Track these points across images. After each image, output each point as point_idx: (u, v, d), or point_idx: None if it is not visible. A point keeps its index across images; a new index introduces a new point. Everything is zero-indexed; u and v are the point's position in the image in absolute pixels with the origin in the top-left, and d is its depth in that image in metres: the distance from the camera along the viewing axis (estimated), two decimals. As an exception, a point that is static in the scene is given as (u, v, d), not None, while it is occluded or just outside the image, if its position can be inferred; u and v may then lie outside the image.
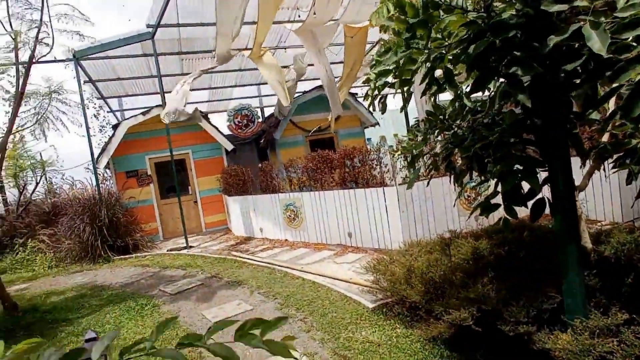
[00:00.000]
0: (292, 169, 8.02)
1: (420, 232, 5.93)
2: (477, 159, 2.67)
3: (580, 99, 2.30)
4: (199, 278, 6.29)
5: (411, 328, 3.51)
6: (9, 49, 5.66)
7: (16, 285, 7.57)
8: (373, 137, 16.61)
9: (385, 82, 2.94)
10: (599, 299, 2.48)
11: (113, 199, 9.72)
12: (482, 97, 3.02)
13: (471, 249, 3.28)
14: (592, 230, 3.53)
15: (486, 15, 2.39)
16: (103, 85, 12.25)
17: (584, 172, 3.12)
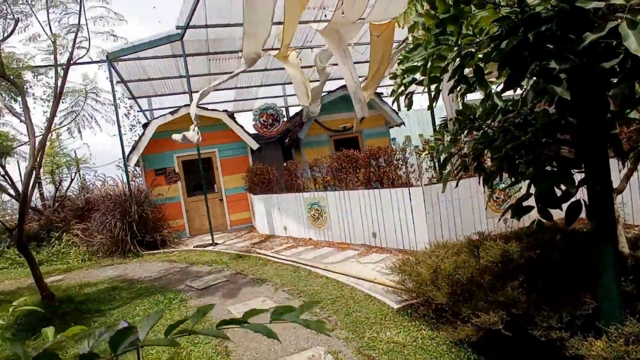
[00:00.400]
0: (316, 168, 8.03)
1: (447, 234, 5.83)
2: (508, 159, 2.60)
3: (618, 98, 2.21)
4: (224, 274, 6.38)
5: (437, 330, 3.45)
6: (48, 51, 5.89)
7: (52, 276, 7.89)
8: (398, 136, 16.46)
9: (413, 79, 2.91)
10: (635, 306, 2.38)
11: (142, 195, 9.99)
12: (513, 97, 2.95)
13: (500, 252, 3.20)
14: (629, 235, 3.39)
15: (520, 10, 2.33)
16: (134, 86, 12.61)
17: (621, 174, 3.00)
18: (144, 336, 0.87)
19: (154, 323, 0.91)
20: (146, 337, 0.87)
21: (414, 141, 17.88)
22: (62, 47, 5.80)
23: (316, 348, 3.54)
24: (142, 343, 0.86)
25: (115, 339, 0.85)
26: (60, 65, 5.88)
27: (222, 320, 0.93)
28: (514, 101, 2.72)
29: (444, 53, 2.56)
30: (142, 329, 0.87)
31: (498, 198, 6.20)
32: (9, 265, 9.84)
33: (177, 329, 0.89)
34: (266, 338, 3.52)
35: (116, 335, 0.86)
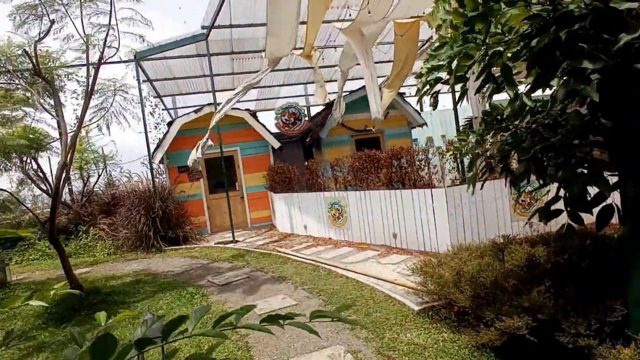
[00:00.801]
0: (337, 167, 8.03)
1: (469, 236, 5.74)
2: (536, 161, 2.54)
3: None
4: (244, 271, 6.45)
5: (459, 333, 3.41)
6: (80, 50, 6.09)
7: (80, 268, 8.13)
8: (420, 137, 16.28)
9: (438, 78, 2.87)
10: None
11: (166, 192, 10.19)
12: (542, 97, 2.88)
13: (526, 256, 3.12)
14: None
15: (552, 9, 2.27)
16: (159, 85, 12.88)
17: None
18: (192, 327, 0.94)
19: (202, 316, 0.97)
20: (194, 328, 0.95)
21: (436, 142, 17.68)
22: (93, 47, 5.99)
23: (336, 347, 3.54)
24: (191, 333, 0.93)
25: (167, 327, 0.92)
26: (91, 64, 6.06)
27: (268, 316, 0.97)
28: (544, 101, 2.65)
29: (471, 52, 2.52)
30: (190, 321, 0.94)
31: (524, 201, 6.06)
32: (40, 256, 10.21)
33: (222, 322, 0.95)
34: (286, 336, 3.54)
35: (168, 324, 0.92)
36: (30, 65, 5.88)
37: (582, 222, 2.13)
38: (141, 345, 0.88)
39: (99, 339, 0.85)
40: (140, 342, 0.88)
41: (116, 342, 0.86)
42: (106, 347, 0.84)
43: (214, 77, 10.19)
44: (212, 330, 0.93)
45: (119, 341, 0.92)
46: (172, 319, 0.94)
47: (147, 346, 0.88)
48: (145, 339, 0.89)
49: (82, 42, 5.93)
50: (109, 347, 0.84)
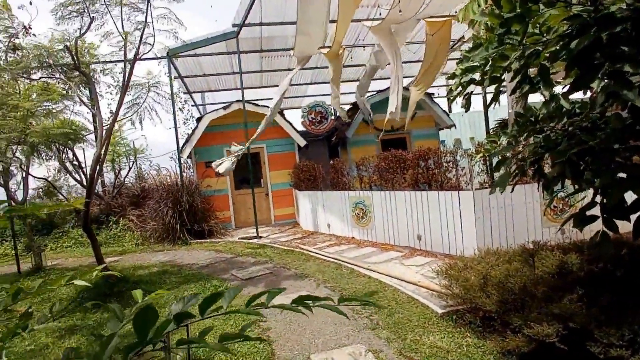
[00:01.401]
0: (363, 167, 8.00)
1: (497, 241, 5.62)
2: (572, 165, 2.47)
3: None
4: (267, 267, 6.52)
5: (483, 339, 3.35)
6: (118, 47, 6.32)
7: (110, 257, 8.43)
8: (447, 139, 16.04)
9: (472, 79, 2.83)
10: None
11: (193, 186, 10.41)
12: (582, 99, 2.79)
13: (558, 263, 3.04)
14: None
15: (593, 9, 2.21)
16: (189, 81, 13.16)
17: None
18: (227, 305, 1.00)
19: (235, 295, 1.03)
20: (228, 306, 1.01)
21: (464, 144, 17.37)
22: (130, 44, 6.18)
23: (357, 345, 3.54)
24: (225, 310, 0.98)
25: (204, 303, 0.97)
26: (128, 60, 6.26)
27: (299, 297, 1.01)
28: (582, 104, 2.57)
29: (506, 52, 2.47)
30: (224, 299, 0.99)
31: (555, 207, 5.89)
32: (72, 244, 10.64)
33: (254, 302, 1.01)
34: (307, 332, 3.57)
35: (204, 301, 0.97)
36: (69, 59, 6.12)
37: (617, 229, 2.06)
38: (180, 318, 0.92)
39: (141, 311, 0.89)
40: (179, 316, 0.92)
41: (157, 315, 0.90)
42: (147, 320, 0.88)
43: (243, 75, 10.33)
44: (246, 309, 0.98)
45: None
46: (208, 295, 0.98)
47: (185, 320, 0.93)
48: (184, 313, 0.94)
49: (120, 39, 6.13)
50: (150, 319, 0.89)
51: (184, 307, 1.00)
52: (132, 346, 0.87)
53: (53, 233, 11.28)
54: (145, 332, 0.88)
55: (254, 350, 3.58)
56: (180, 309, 1.00)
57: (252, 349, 3.59)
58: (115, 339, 0.88)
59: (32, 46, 5.96)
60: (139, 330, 0.87)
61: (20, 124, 5.80)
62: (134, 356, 0.88)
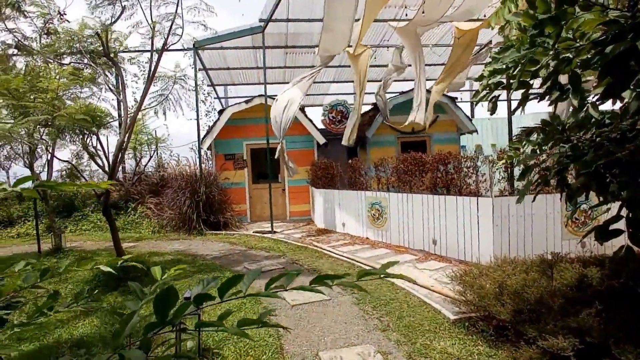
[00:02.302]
0: (381, 168, 7.95)
1: (514, 250, 5.51)
2: (597, 177, 2.40)
3: None
4: (280, 261, 6.55)
5: (495, 348, 3.29)
6: (147, 36, 6.41)
7: (126, 242, 8.60)
8: (468, 144, 15.81)
9: (499, 82, 2.77)
10: None
11: (211, 178, 10.53)
12: (612, 109, 2.71)
13: (577, 276, 2.95)
14: None
15: (630, 15, 2.14)
16: (214, 74, 13.31)
17: None
18: (246, 289, 1.01)
19: (254, 278, 1.04)
20: (247, 289, 1.02)
21: (486, 151, 17.08)
22: (159, 34, 6.27)
23: (366, 345, 3.53)
24: (245, 293, 1.00)
25: (223, 286, 0.98)
26: (155, 50, 6.35)
27: (318, 277, 1.06)
28: (613, 114, 2.50)
29: (537, 57, 2.41)
30: (244, 283, 1.01)
31: (577, 219, 5.74)
32: (91, 227, 10.91)
33: (272, 285, 1.04)
34: (317, 328, 3.56)
35: (224, 283, 0.98)
36: (99, 46, 6.24)
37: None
38: (200, 300, 0.93)
39: (163, 291, 0.90)
40: (199, 297, 0.93)
41: (178, 296, 0.91)
42: (168, 300, 0.89)
43: (267, 70, 10.38)
44: (265, 292, 1.00)
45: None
46: (228, 278, 0.99)
47: (205, 301, 0.94)
48: (204, 294, 0.94)
49: (148, 29, 6.22)
50: (171, 299, 0.89)
51: (204, 289, 1.00)
52: (152, 325, 0.87)
53: (73, 216, 11.55)
54: (166, 313, 0.88)
55: (263, 343, 3.60)
56: (200, 291, 1.00)
57: (261, 342, 3.61)
58: (135, 317, 0.89)
59: (64, 32, 6.10)
60: (159, 311, 0.88)
61: (49, 107, 5.94)
62: (153, 336, 0.89)
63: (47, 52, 6.09)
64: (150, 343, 0.89)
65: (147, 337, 0.88)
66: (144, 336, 0.88)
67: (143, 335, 0.88)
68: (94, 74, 6.62)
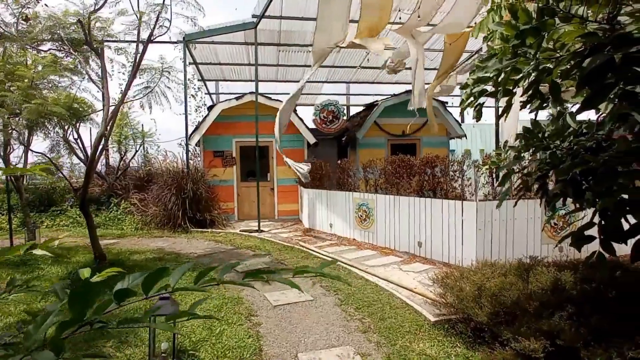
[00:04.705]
0: (370, 169, 8.00)
1: (496, 254, 5.60)
2: (574, 184, 2.46)
3: None
4: (265, 261, 6.55)
5: (473, 350, 3.34)
6: (132, 26, 6.31)
7: (107, 239, 8.48)
8: (457, 149, 15.98)
9: (483, 90, 2.82)
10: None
11: (199, 174, 10.42)
12: (589, 119, 2.78)
13: (552, 279, 3.02)
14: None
15: (608, 28, 2.19)
16: (204, 68, 13.22)
17: None
18: (175, 283, 0.94)
19: (184, 272, 0.99)
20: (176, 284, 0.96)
21: (474, 156, 17.27)
22: (145, 24, 6.18)
23: (346, 347, 3.55)
24: (173, 288, 0.93)
25: (147, 281, 0.90)
26: (141, 41, 6.27)
27: (256, 270, 1.00)
28: (589, 124, 2.56)
29: (519, 66, 2.47)
30: (172, 277, 0.95)
31: (556, 225, 5.85)
32: (70, 223, 10.66)
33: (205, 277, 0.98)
34: (298, 329, 3.57)
35: (149, 277, 0.91)
36: (81, 34, 6.09)
37: (614, 252, 2.05)
38: (120, 296, 0.86)
39: (78, 288, 0.81)
40: (119, 293, 0.86)
41: (98, 292, 0.83)
42: (85, 298, 0.81)
43: (259, 67, 10.35)
44: (193, 286, 0.93)
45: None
46: (152, 271, 0.91)
47: (126, 298, 0.86)
48: (125, 290, 0.87)
49: (135, 18, 6.13)
50: (89, 298, 0.81)
51: (130, 284, 0.93)
52: (65, 324, 0.80)
53: (50, 211, 11.30)
54: (83, 311, 0.81)
55: (242, 344, 3.58)
56: (125, 286, 0.93)
57: (240, 344, 3.60)
58: (50, 318, 0.82)
59: (46, 16, 5.95)
60: (75, 309, 0.80)
61: (21, 96, 5.73)
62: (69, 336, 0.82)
63: (24, 39, 5.92)
64: (63, 343, 0.80)
65: (59, 337, 0.80)
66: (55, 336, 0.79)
67: (55, 335, 0.80)
68: (74, 63, 6.48)
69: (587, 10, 2.32)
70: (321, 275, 0.98)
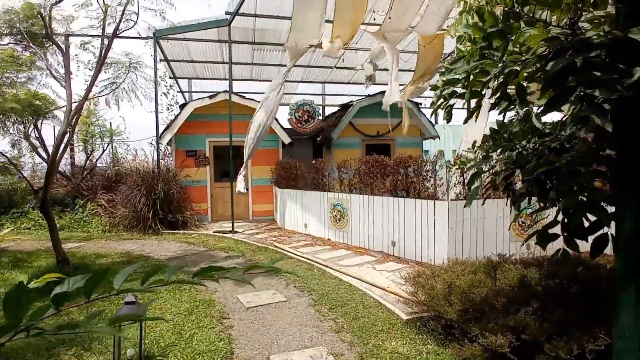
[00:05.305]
0: (344, 169, 8.03)
1: (467, 252, 5.72)
2: (538, 184, 2.53)
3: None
4: (238, 262, 6.47)
5: (443, 347, 3.40)
6: (98, 19, 6.10)
7: (71, 243, 8.16)
8: (431, 149, 16.24)
9: (453, 92, 2.87)
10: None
11: (170, 175, 10.19)
12: (553, 120, 2.87)
13: (519, 276, 3.11)
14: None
15: (570, 32, 2.27)
16: (176, 66, 12.94)
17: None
18: (119, 285, 0.89)
19: (129, 274, 0.95)
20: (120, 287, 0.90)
21: (447, 156, 17.59)
22: (111, 18, 5.98)
23: (319, 348, 3.55)
24: (118, 290, 0.88)
25: (89, 284, 0.85)
26: (106, 35, 6.07)
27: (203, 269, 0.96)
28: (553, 125, 2.65)
29: (487, 68, 2.52)
30: (116, 279, 0.90)
31: (524, 223, 6.04)
32: (32, 226, 10.17)
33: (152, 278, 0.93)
34: (271, 331, 3.52)
35: (90, 279, 0.85)
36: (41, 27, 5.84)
37: (578, 248, 2.12)
38: (58, 301, 0.83)
39: (11, 292, 0.78)
40: (57, 298, 0.82)
41: (32, 297, 0.79)
42: (19, 301, 0.78)
43: (233, 65, 10.22)
44: (140, 287, 0.90)
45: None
46: (94, 274, 0.87)
47: (65, 302, 0.83)
48: (65, 293, 0.83)
49: (101, 12, 5.93)
50: (24, 300, 0.78)
51: (70, 288, 0.88)
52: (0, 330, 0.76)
53: (11, 213, 10.80)
54: (18, 316, 0.77)
55: (213, 348, 3.52)
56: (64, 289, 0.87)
57: (211, 347, 3.53)
58: None
59: (4, 10, 5.69)
60: (9, 314, 0.76)
61: None
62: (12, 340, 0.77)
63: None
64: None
65: None
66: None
67: None
68: (31, 58, 6.21)
69: (550, 15, 2.39)
70: (272, 270, 0.96)
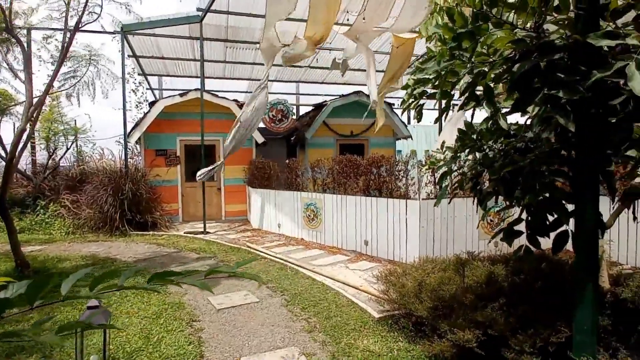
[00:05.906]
0: (318, 169, 8.02)
1: (438, 250, 5.83)
2: (504, 183, 2.60)
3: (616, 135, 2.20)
4: (210, 264, 6.36)
5: (414, 343, 3.44)
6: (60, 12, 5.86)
7: (32, 246, 7.80)
8: (404, 149, 16.48)
9: (424, 91, 2.91)
10: (609, 340, 2.40)
11: (139, 174, 9.90)
12: (518, 122, 2.95)
13: (486, 273, 3.19)
14: (612, 272, 3.39)
15: (535, 35, 2.33)
16: (145, 62, 12.56)
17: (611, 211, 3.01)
18: (66, 290, 0.86)
19: (78, 278, 0.91)
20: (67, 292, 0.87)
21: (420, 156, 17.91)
22: (73, 10, 5.75)
23: (290, 348, 3.52)
24: (64, 296, 0.85)
25: (32, 288, 0.81)
26: (68, 29, 5.83)
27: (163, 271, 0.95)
28: (518, 125, 2.72)
29: (457, 68, 2.56)
30: (65, 284, 0.87)
31: (492, 221, 6.20)
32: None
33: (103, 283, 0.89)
34: (243, 332, 3.47)
35: (33, 284, 0.81)
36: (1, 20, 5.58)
37: (539, 245, 2.19)
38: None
39: None
40: None
41: None
42: None
43: (205, 63, 10.03)
44: (89, 292, 0.86)
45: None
46: (38, 279, 0.83)
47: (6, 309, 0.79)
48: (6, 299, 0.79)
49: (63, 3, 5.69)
50: None
51: (13, 295, 0.84)
52: None
53: None
54: None
55: (182, 352, 3.44)
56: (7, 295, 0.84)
57: (180, 351, 3.45)
58: None
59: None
60: None
61: None
62: None
63: None
64: None
65: None
66: None
67: None
68: None
69: (517, 17, 2.45)
70: (234, 275, 0.94)
